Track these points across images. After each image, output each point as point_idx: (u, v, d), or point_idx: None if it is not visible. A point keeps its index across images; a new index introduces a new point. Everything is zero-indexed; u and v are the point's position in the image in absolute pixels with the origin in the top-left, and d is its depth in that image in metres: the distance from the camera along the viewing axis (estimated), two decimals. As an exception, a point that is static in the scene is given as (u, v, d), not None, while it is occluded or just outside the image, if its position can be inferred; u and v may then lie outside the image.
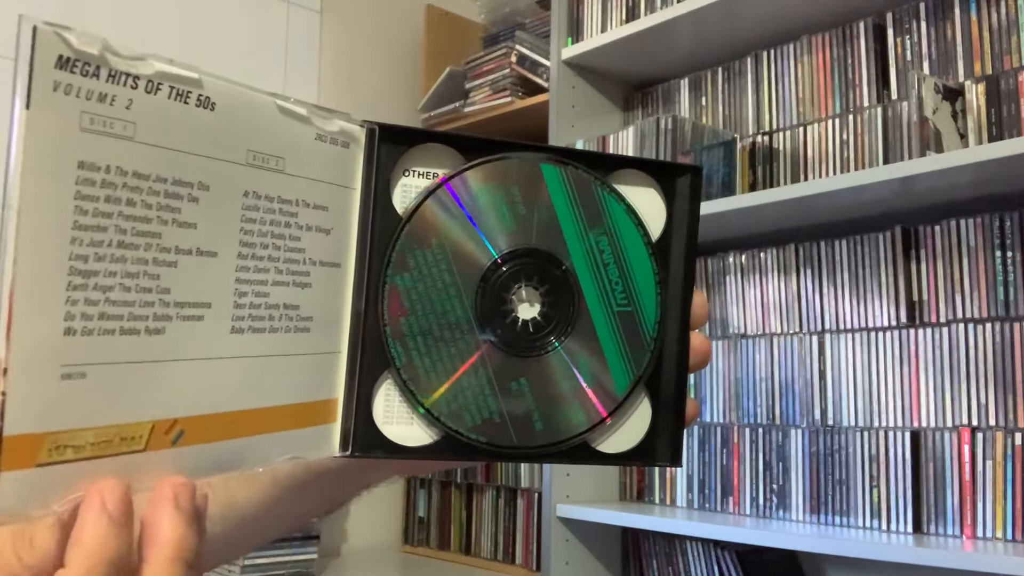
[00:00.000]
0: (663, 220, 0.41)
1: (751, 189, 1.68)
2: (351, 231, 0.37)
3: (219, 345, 0.31)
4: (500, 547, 2.06)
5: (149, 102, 0.28)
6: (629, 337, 0.40)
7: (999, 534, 1.33)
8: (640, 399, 0.40)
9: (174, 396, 0.30)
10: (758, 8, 1.60)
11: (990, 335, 1.37)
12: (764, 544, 1.47)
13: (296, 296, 0.34)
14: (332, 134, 0.36)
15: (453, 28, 2.48)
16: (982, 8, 1.44)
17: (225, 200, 0.31)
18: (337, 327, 0.37)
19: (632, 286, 0.40)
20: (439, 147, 0.39)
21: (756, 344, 1.65)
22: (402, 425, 0.38)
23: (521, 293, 0.39)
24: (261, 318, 0.33)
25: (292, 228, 0.34)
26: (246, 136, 0.32)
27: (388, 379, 0.38)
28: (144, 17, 2.03)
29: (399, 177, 0.38)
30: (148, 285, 0.28)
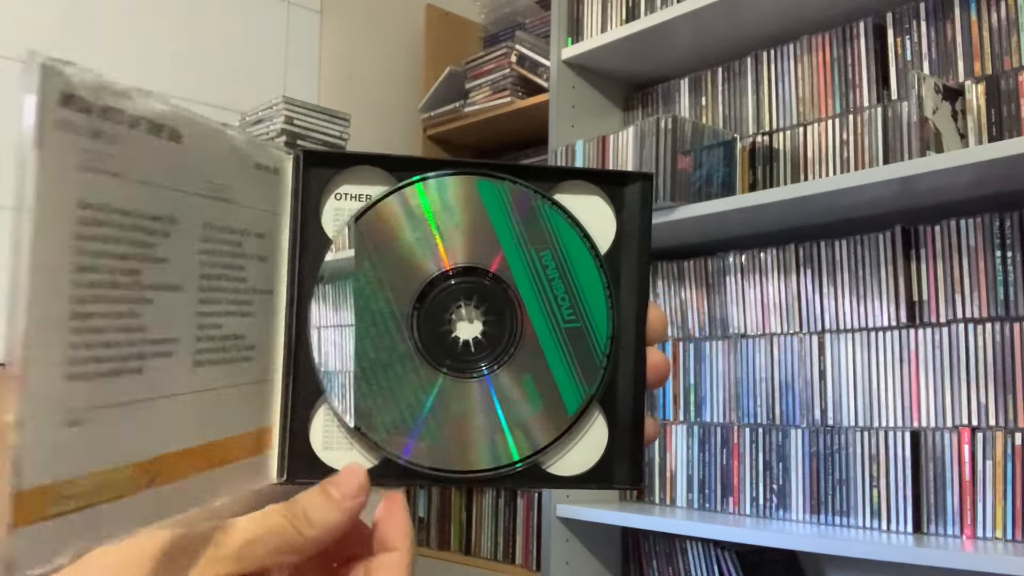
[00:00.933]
0: (613, 231, 0.39)
1: (751, 189, 1.68)
2: (282, 257, 0.37)
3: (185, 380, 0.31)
4: (500, 547, 2.06)
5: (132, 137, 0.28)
6: (579, 355, 0.38)
7: (999, 534, 1.33)
8: (594, 419, 0.38)
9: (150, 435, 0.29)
10: (758, 8, 1.60)
11: (990, 335, 1.37)
12: (764, 544, 1.47)
13: (241, 325, 0.34)
14: (264, 163, 0.35)
15: (453, 28, 2.48)
16: (982, 8, 1.44)
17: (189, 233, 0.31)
18: (271, 354, 0.36)
19: (580, 301, 0.38)
20: (369, 169, 0.38)
21: (756, 344, 1.65)
22: (341, 451, 0.37)
23: (460, 312, 0.38)
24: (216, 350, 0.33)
25: (239, 258, 0.34)
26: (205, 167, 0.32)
27: (324, 405, 0.37)
28: (144, 17, 2.03)
29: (329, 201, 0.38)
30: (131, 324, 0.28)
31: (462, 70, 2.30)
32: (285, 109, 1.98)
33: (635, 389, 0.38)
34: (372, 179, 0.38)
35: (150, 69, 2.03)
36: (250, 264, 0.35)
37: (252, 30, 2.20)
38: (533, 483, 0.38)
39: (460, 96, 2.29)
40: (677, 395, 1.77)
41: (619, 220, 0.39)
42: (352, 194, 0.38)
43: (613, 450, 0.38)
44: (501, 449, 0.37)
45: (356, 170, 0.38)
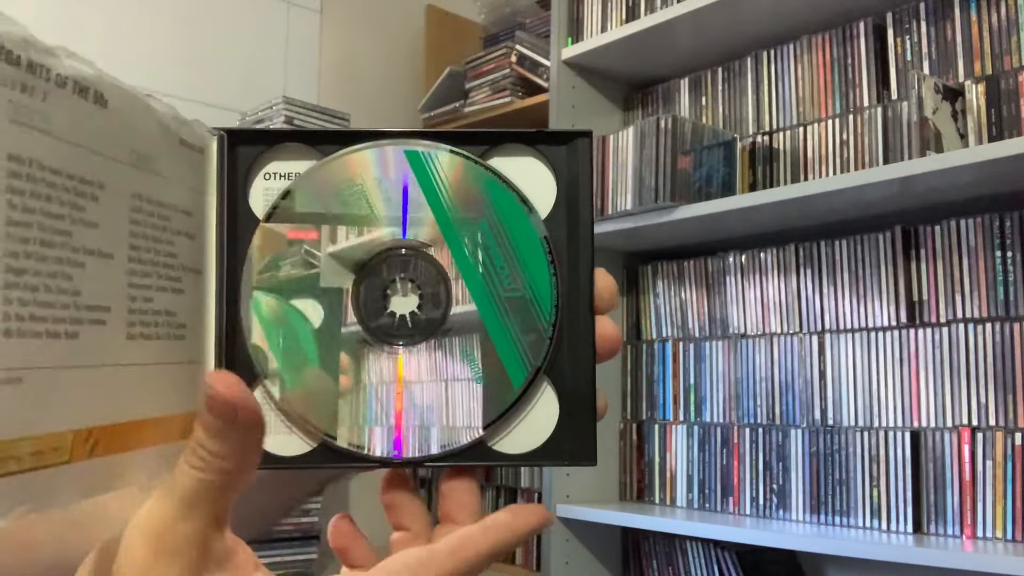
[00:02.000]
0: (552, 194, 0.37)
1: (751, 189, 1.68)
2: (210, 238, 0.36)
3: (119, 351, 0.30)
4: (500, 547, 2.06)
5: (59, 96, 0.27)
6: (523, 325, 0.36)
7: (999, 534, 1.33)
8: (542, 392, 0.37)
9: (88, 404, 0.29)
10: (758, 8, 1.60)
11: (990, 335, 1.37)
12: (764, 544, 1.47)
13: (173, 302, 0.33)
14: (192, 139, 0.35)
15: (453, 28, 2.48)
16: (982, 8, 1.44)
17: (117, 201, 0.30)
18: (201, 336, 0.36)
19: (520, 270, 0.36)
20: (296, 146, 0.37)
21: (756, 344, 1.65)
22: (280, 435, 0.36)
23: (395, 287, 0.36)
24: (148, 324, 0.32)
25: (168, 232, 0.33)
26: (131, 136, 0.31)
27: (259, 389, 0.36)
28: (144, 17, 2.03)
29: (257, 180, 0.37)
30: (65, 286, 0.27)
31: (462, 70, 2.30)
32: (285, 109, 1.98)
33: (585, 360, 0.37)
34: (299, 156, 0.37)
35: (150, 69, 2.02)
36: (179, 240, 0.34)
37: (252, 30, 2.20)
38: (480, 461, 0.37)
39: (460, 96, 2.29)
40: (677, 395, 1.77)
41: (559, 182, 0.37)
42: (280, 172, 0.37)
43: (564, 426, 0.37)
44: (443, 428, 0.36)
45: (283, 148, 0.37)
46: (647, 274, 1.85)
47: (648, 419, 1.82)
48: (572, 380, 0.37)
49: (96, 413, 0.29)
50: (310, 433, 0.36)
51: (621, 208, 1.66)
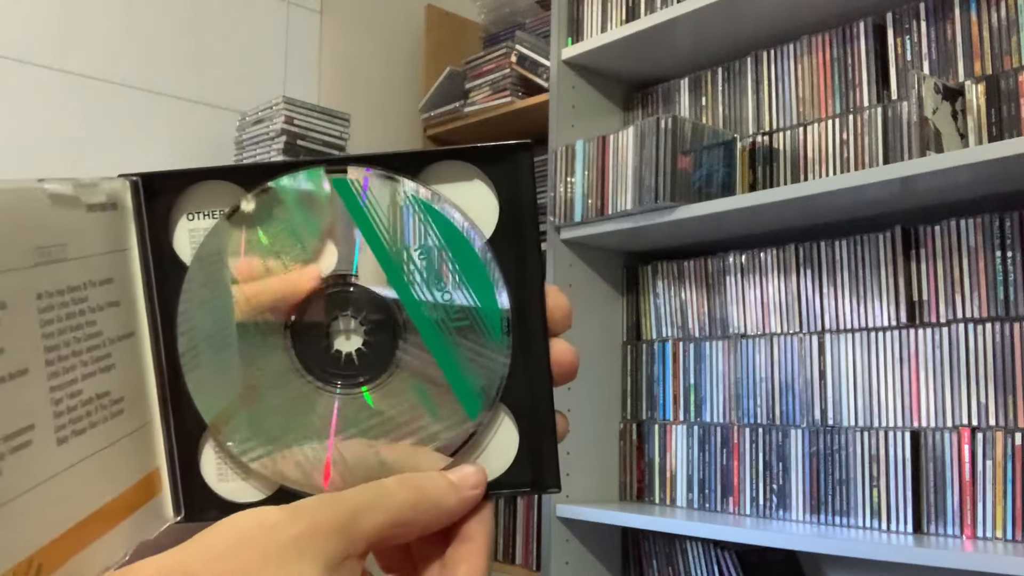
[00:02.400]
0: (495, 212, 0.35)
1: (751, 189, 1.68)
2: (137, 295, 0.34)
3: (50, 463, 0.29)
4: (500, 547, 2.06)
5: None
6: (474, 354, 0.34)
7: (999, 534, 1.33)
8: (499, 421, 0.35)
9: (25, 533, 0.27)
10: (758, 8, 1.60)
11: (990, 335, 1.37)
12: (764, 544, 1.47)
13: (104, 382, 0.32)
14: (100, 202, 0.33)
15: (453, 28, 2.48)
16: (982, 8, 1.44)
17: (22, 312, 0.28)
18: (145, 398, 0.34)
19: (467, 296, 0.34)
20: (218, 183, 0.35)
21: (756, 344, 1.65)
22: (237, 481, 0.35)
23: (337, 325, 0.34)
24: (79, 418, 0.30)
25: (86, 314, 0.31)
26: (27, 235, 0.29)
27: (209, 438, 0.35)
28: (145, 17, 2.03)
29: (181, 222, 0.35)
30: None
31: (462, 70, 2.30)
32: (285, 109, 1.98)
33: (542, 383, 0.35)
34: (222, 194, 0.35)
35: (150, 69, 2.03)
36: (101, 316, 0.32)
37: (252, 30, 2.20)
38: None
39: (460, 96, 2.29)
40: (677, 395, 1.77)
41: (500, 199, 0.35)
42: (204, 211, 0.35)
43: (525, 453, 0.35)
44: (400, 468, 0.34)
45: (203, 187, 0.35)
46: (647, 274, 1.85)
47: (648, 419, 1.82)
48: (530, 407, 0.35)
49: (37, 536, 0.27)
50: (264, 480, 0.35)
51: (621, 208, 1.66)
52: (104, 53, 1.96)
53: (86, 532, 0.30)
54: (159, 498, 0.34)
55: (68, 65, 1.91)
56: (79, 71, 1.92)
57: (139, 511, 0.33)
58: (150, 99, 2.02)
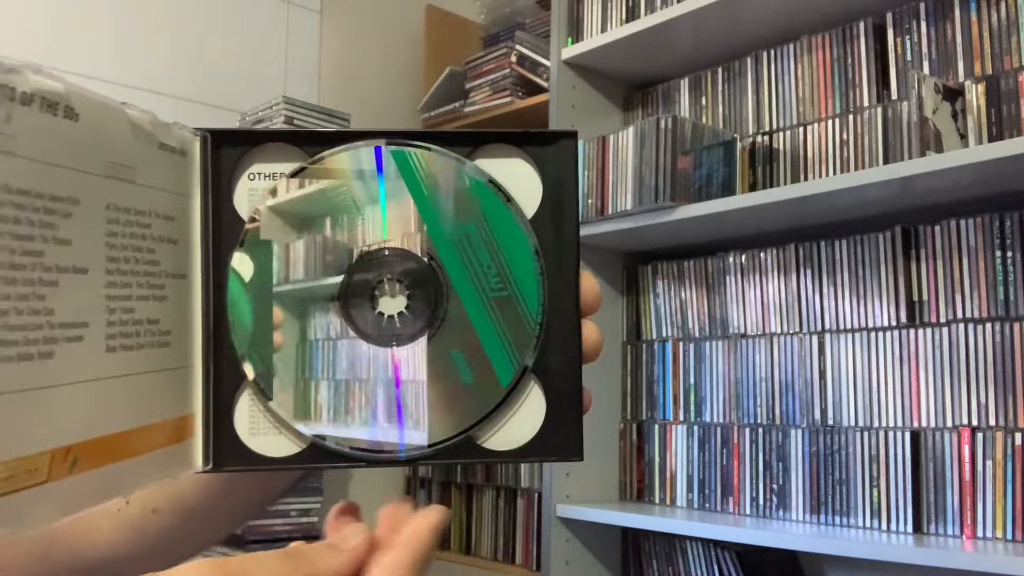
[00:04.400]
0: (539, 194, 0.37)
1: (751, 189, 1.68)
2: (195, 241, 0.36)
3: (98, 365, 0.30)
4: (500, 547, 2.06)
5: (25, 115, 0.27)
6: (510, 324, 0.36)
7: (999, 534, 1.33)
8: (530, 390, 0.37)
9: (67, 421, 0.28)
10: (758, 8, 1.60)
11: (990, 335, 1.37)
12: (764, 544, 1.47)
13: (155, 310, 0.33)
14: (171, 144, 0.35)
15: (453, 28, 2.48)
16: (982, 8, 1.44)
17: (92, 214, 0.30)
18: (189, 340, 0.35)
19: (507, 269, 0.36)
20: (280, 146, 0.37)
21: (756, 344, 1.65)
22: (268, 436, 0.36)
23: (383, 287, 0.36)
24: (129, 335, 0.32)
25: (147, 240, 0.33)
26: (104, 147, 0.31)
27: (248, 390, 0.36)
28: (144, 17, 2.03)
29: (242, 181, 0.36)
30: (37, 307, 0.27)
31: (462, 70, 2.30)
32: (285, 109, 1.98)
33: (572, 358, 0.37)
34: (284, 157, 0.37)
35: (150, 69, 2.03)
36: (160, 247, 0.34)
37: (252, 30, 2.20)
38: (469, 458, 0.37)
39: (460, 96, 2.29)
40: (677, 395, 1.77)
41: (544, 182, 0.37)
42: (265, 173, 0.37)
43: (551, 423, 0.37)
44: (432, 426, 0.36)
45: (267, 148, 0.37)
46: (647, 274, 1.85)
47: (648, 419, 1.82)
48: (559, 378, 0.37)
49: (76, 430, 0.29)
50: (299, 434, 0.36)
51: (621, 208, 1.66)
52: (104, 53, 1.96)
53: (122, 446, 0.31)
54: (188, 444, 0.35)
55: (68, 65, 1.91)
56: (79, 71, 1.92)
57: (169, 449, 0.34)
58: (150, 99, 2.02)
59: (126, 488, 0.32)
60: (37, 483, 0.27)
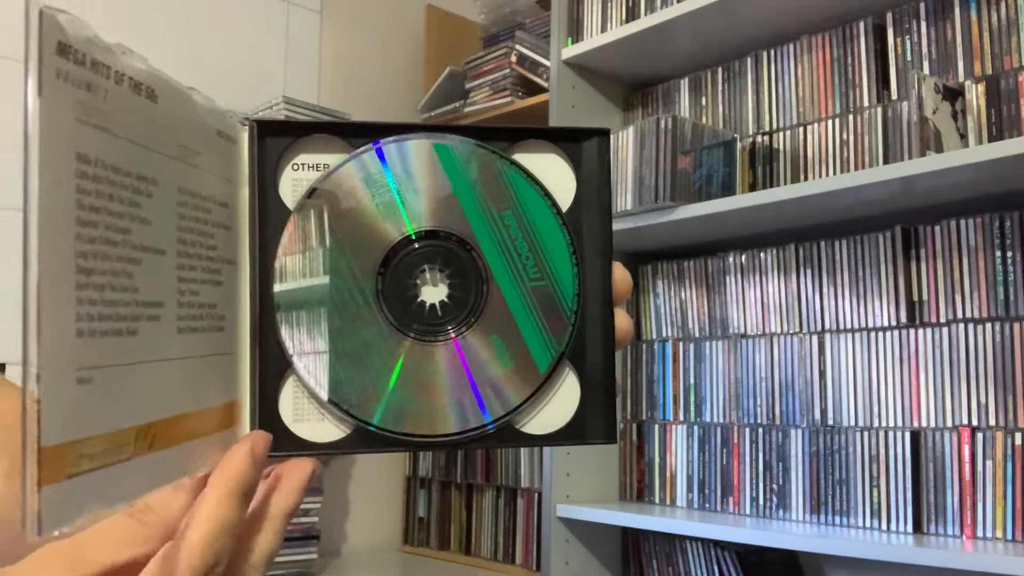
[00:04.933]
0: (572, 188, 0.39)
1: (751, 189, 1.68)
2: (243, 228, 0.36)
3: (171, 346, 0.31)
4: (500, 547, 2.06)
5: (117, 93, 0.27)
6: (547, 312, 0.38)
7: (999, 534, 1.33)
8: (565, 376, 0.39)
9: (147, 399, 0.29)
10: (758, 8, 1.60)
11: (990, 335, 1.37)
12: (764, 544, 1.47)
13: (214, 295, 0.34)
14: (227, 130, 0.35)
15: (453, 28, 2.48)
16: (982, 8, 1.44)
17: (167, 196, 0.30)
18: (237, 326, 0.36)
19: (544, 260, 0.38)
20: (325, 137, 0.38)
21: (756, 344, 1.65)
22: (312, 422, 0.37)
23: (425, 276, 0.38)
24: (195, 317, 0.32)
25: (208, 225, 0.33)
26: (177, 130, 0.31)
27: (293, 376, 0.37)
28: (144, 17, 2.03)
29: (286, 171, 0.37)
30: (125, 284, 0.28)
31: (462, 70, 2.30)
32: (285, 109, 1.98)
33: (605, 345, 0.38)
34: (328, 148, 0.38)
35: (150, 69, 2.02)
36: (218, 233, 0.34)
37: (252, 30, 2.20)
38: (508, 443, 0.38)
39: (460, 96, 2.29)
40: (677, 395, 1.77)
41: (578, 177, 0.39)
42: (309, 164, 0.38)
43: (586, 407, 0.38)
44: (471, 411, 0.37)
45: (312, 139, 0.38)
46: (647, 274, 1.85)
47: (648, 419, 1.82)
48: (592, 365, 0.39)
49: (153, 408, 0.29)
50: (343, 419, 0.37)
51: (621, 208, 1.66)
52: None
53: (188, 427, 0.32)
54: (236, 430, 0.36)
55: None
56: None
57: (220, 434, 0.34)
58: (150, 99, 2.02)
59: (188, 469, 0.32)
60: (124, 459, 0.27)
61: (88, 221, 0.26)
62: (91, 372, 0.26)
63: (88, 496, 0.25)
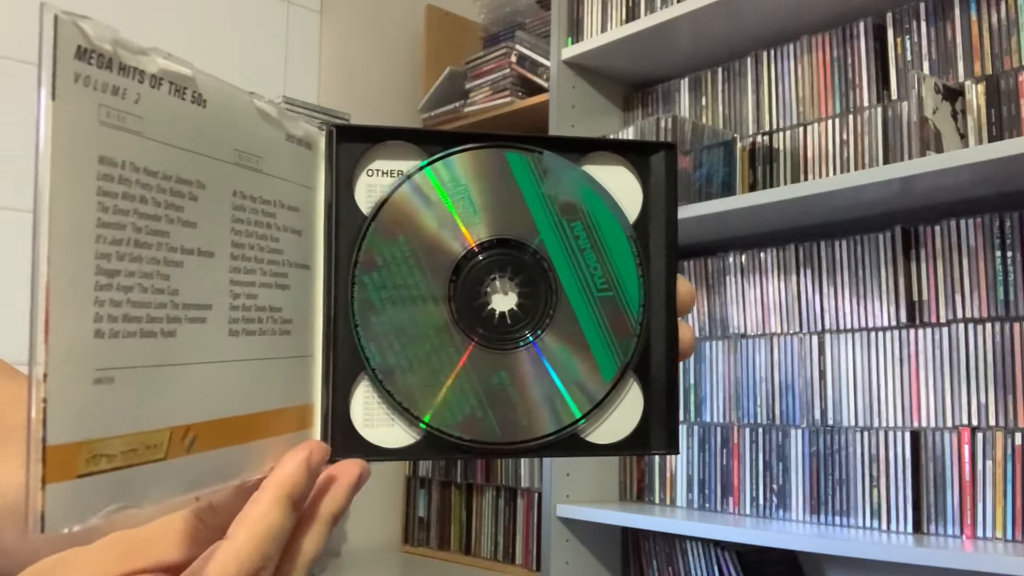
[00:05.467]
0: (640, 201, 0.40)
1: (751, 189, 1.68)
2: (318, 233, 0.37)
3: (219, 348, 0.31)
4: (500, 547, 2.06)
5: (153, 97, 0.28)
6: (613, 323, 0.39)
7: (999, 534, 1.33)
8: (630, 387, 0.39)
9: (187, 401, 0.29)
10: (758, 8, 1.60)
11: (990, 335, 1.37)
12: (764, 544, 1.47)
13: (278, 298, 0.34)
14: (298, 136, 0.36)
15: (453, 28, 2.48)
16: (982, 8, 1.44)
17: (218, 199, 0.31)
18: (310, 330, 0.36)
19: (612, 270, 0.39)
20: (401, 144, 0.38)
21: (756, 344, 1.65)
22: (383, 428, 0.37)
23: (495, 285, 0.38)
24: (252, 320, 0.32)
25: (272, 229, 0.34)
26: (232, 134, 0.32)
27: (364, 381, 0.37)
28: (144, 17, 2.03)
29: (362, 177, 0.38)
30: (161, 286, 0.28)
31: (462, 70, 2.29)
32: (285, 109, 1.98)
33: (668, 357, 0.39)
34: (403, 154, 0.38)
35: (150, 69, 2.02)
36: (284, 237, 0.34)
37: (252, 30, 2.20)
38: (573, 452, 0.39)
39: (460, 96, 2.28)
40: (677, 395, 1.77)
41: (645, 190, 0.40)
42: (384, 170, 0.38)
43: (649, 417, 0.39)
44: (540, 420, 0.38)
45: (388, 145, 0.38)
46: (647, 274, 1.85)
47: (648, 419, 1.82)
48: (656, 376, 0.39)
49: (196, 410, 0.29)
50: (414, 425, 0.37)
51: (621, 208, 1.66)
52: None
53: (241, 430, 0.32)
54: (307, 433, 0.36)
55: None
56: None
57: (289, 436, 0.34)
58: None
59: (246, 472, 0.32)
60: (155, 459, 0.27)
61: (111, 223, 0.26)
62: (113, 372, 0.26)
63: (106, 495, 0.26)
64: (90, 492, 0.25)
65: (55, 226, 0.24)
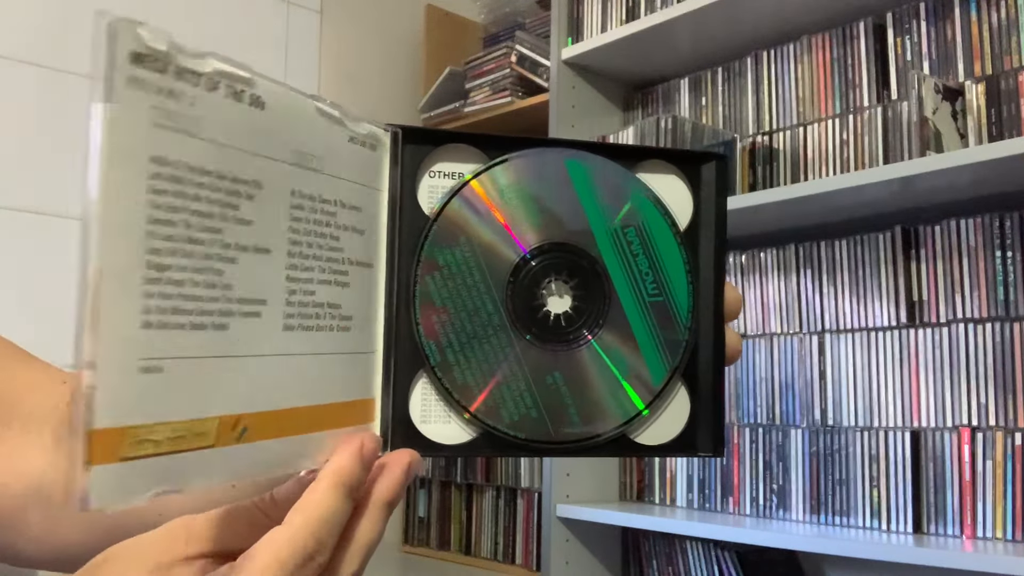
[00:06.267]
0: (690, 209, 0.41)
1: (751, 189, 1.68)
2: (381, 232, 0.38)
3: (274, 342, 0.32)
4: (500, 547, 2.06)
5: (210, 100, 0.29)
6: (663, 327, 0.40)
7: (999, 534, 1.33)
8: (678, 390, 0.40)
9: (238, 392, 0.30)
10: (758, 8, 1.60)
11: (990, 335, 1.37)
12: (764, 544, 1.47)
13: (338, 295, 0.35)
14: (362, 136, 0.37)
15: (453, 28, 2.48)
16: (982, 8, 1.44)
17: (275, 198, 0.32)
18: (372, 327, 0.37)
19: (663, 276, 0.40)
20: (463, 147, 0.39)
21: (756, 344, 1.65)
22: (439, 424, 0.38)
23: (551, 287, 0.39)
24: (309, 316, 0.34)
25: (332, 228, 0.35)
26: (291, 136, 0.33)
27: (423, 378, 0.38)
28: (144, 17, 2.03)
29: (424, 178, 0.39)
30: (213, 280, 0.29)
31: (462, 70, 2.29)
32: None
33: (715, 362, 0.40)
34: (465, 157, 0.39)
35: (150, 69, 2.02)
36: (345, 235, 0.35)
37: (252, 30, 2.20)
38: (622, 452, 0.40)
39: (460, 96, 2.29)
40: (677, 395, 1.77)
41: (696, 199, 0.41)
42: (446, 172, 0.39)
43: (696, 420, 0.40)
44: (591, 420, 0.39)
45: (449, 148, 0.39)
46: (647, 274, 1.85)
47: (648, 419, 1.82)
48: (703, 380, 0.40)
49: (247, 400, 0.30)
50: (471, 422, 0.38)
51: (621, 208, 1.66)
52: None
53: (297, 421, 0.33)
54: (369, 427, 0.37)
55: (66, 63, 1.91)
56: (79, 71, 1.92)
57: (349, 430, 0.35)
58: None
59: (304, 463, 0.33)
60: (203, 446, 0.29)
61: (163, 220, 0.27)
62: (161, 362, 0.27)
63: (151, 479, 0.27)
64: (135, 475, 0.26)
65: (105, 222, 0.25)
